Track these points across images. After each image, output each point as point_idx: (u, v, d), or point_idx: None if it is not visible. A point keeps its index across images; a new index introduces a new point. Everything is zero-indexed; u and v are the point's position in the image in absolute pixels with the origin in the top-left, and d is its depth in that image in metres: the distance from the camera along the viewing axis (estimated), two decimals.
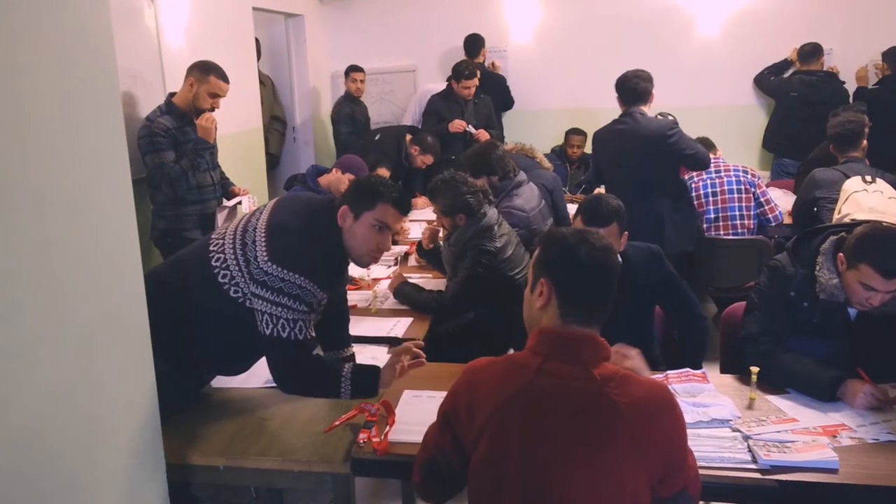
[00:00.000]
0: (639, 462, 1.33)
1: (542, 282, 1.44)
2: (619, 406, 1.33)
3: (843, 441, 1.79)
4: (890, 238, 1.99)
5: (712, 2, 5.64)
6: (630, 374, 1.41)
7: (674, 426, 1.39)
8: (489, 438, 1.37)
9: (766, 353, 2.12)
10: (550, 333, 1.41)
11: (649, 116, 3.61)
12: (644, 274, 2.35)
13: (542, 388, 1.37)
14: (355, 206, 1.94)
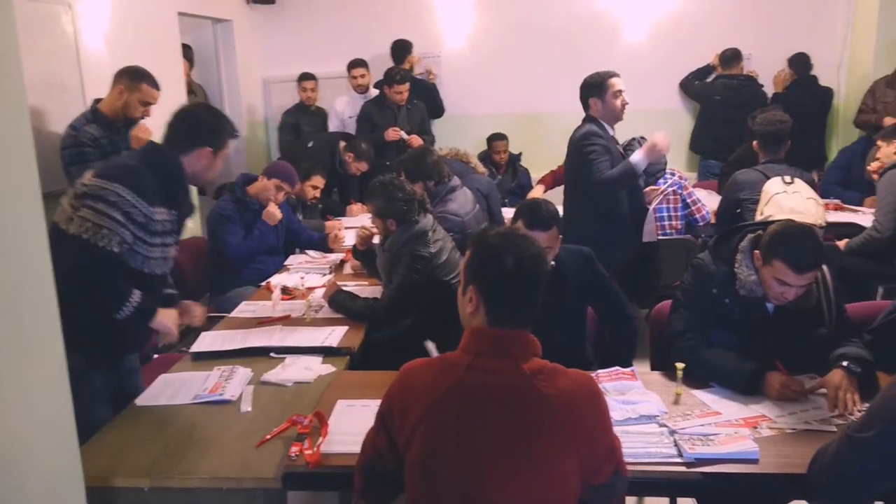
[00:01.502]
0: (569, 451, 1.37)
1: (471, 288, 1.46)
2: (548, 398, 1.37)
3: (764, 432, 1.87)
4: (800, 235, 2.08)
5: (638, 9, 5.80)
6: (558, 366, 1.45)
7: (600, 414, 1.44)
8: (422, 438, 1.39)
9: (690, 350, 2.18)
10: (481, 332, 1.44)
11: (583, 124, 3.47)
12: (575, 275, 2.40)
13: (473, 385, 1.39)
14: (216, 145, 2.22)
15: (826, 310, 2.23)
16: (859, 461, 1.47)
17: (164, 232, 2.17)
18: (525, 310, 1.44)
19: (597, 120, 3.34)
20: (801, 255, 2.03)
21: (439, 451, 1.37)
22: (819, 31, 5.71)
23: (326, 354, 2.44)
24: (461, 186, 3.56)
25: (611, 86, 3.27)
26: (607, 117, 3.33)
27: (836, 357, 2.06)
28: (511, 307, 1.43)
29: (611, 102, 3.29)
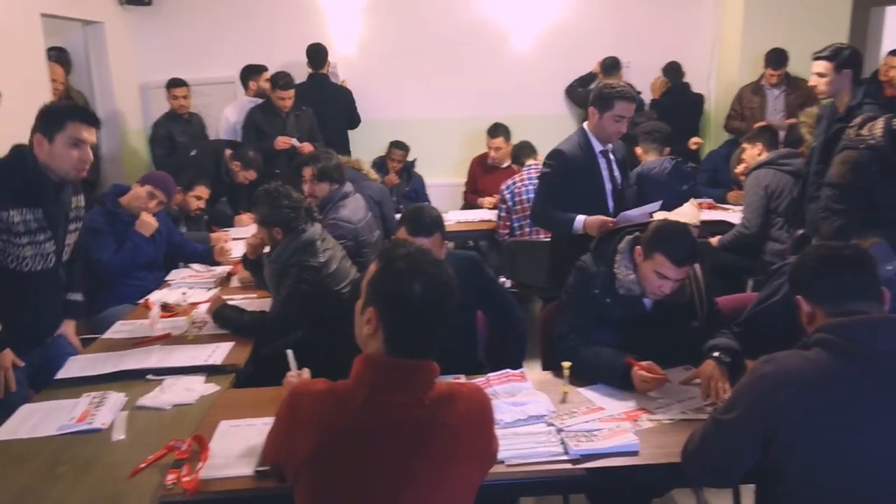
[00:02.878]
0: (475, 471, 1.38)
1: (370, 310, 1.35)
2: (451, 428, 1.32)
3: (644, 424, 1.94)
4: (678, 232, 2.22)
5: (524, 18, 5.95)
6: (453, 387, 1.39)
7: (492, 425, 1.46)
8: (314, 475, 1.30)
9: (572, 351, 2.25)
10: (378, 361, 1.34)
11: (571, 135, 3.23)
12: (464, 281, 2.39)
13: (371, 424, 1.29)
14: (46, 131, 2.19)
15: (698, 304, 2.35)
16: (724, 441, 1.55)
17: (31, 231, 2.24)
18: (429, 339, 1.35)
19: (586, 133, 3.14)
20: (680, 250, 2.15)
21: (333, 492, 1.29)
22: (690, 41, 6.07)
23: (210, 373, 2.33)
24: (353, 193, 3.51)
25: (615, 107, 2.99)
26: (598, 135, 3.10)
27: (708, 348, 2.18)
28: (414, 337, 1.33)
29: (607, 123, 3.03)
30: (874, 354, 1.40)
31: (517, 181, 4.16)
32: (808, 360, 1.45)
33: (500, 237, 4.20)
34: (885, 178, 2.60)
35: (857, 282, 1.54)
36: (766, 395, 1.46)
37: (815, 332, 1.50)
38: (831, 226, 2.65)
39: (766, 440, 1.46)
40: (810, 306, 1.59)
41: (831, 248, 1.63)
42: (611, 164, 3.14)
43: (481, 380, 2.18)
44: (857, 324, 1.45)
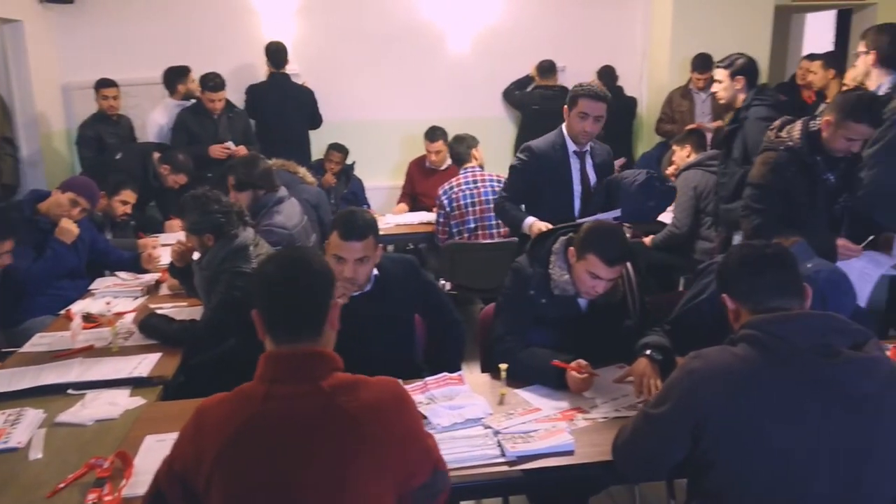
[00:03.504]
0: (383, 467, 1.32)
1: (254, 311, 1.41)
2: (353, 415, 1.31)
3: (579, 423, 1.96)
4: (609, 232, 2.26)
5: (462, 20, 5.98)
6: (359, 378, 1.39)
7: (409, 419, 1.40)
8: (223, 481, 1.27)
9: (508, 352, 2.26)
10: (272, 356, 1.36)
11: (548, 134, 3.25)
12: (400, 284, 2.39)
13: (273, 416, 1.30)
14: None
15: (631, 303, 2.40)
16: (654, 435, 1.58)
17: None
18: (299, 318, 1.37)
19: (562, 132, 3.14)
20: (611, 250, 2.19)
21: (243, 493, 1.27)
22: (623, 46, 6.22)
23: (136, 386, 2.24)
24: (288, 198, 3.44)
25: (578, 104, 3.01)
26: (570, 134, 3.11)
27: (640, 347, 2.22)
28: (283, 317, 1.37)
29: (573, 121, 3.05)
30: (795, 349, 1.44)
31: (454, 186, 4.15)
32: (735, 355, 1.49)
33: (439, 242, 4.19)
34: (802, 178, 2.71)
35: (779, 280, 1.59)
36: (694, 389, 1.50)
37: (741, 329, 1.54)
38: (751, 224, 2.74)
39: (695, 433, 1.49)
40: (735, 304, 1.64)
41: (754, 248, 1.67)
42: (584, 165, 3.16)
43: (419, 384, 2.16)
44: (779, 320, 1.50)
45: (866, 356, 1.45)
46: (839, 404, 1.41)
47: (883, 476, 1.43)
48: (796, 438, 1.41)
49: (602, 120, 3.06)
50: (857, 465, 1.41)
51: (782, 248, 1.67)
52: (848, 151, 2.64)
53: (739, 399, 1.44)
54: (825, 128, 2.63)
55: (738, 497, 1.47)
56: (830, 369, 1.42)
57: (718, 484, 1.49)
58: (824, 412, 1.41)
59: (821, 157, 2.68)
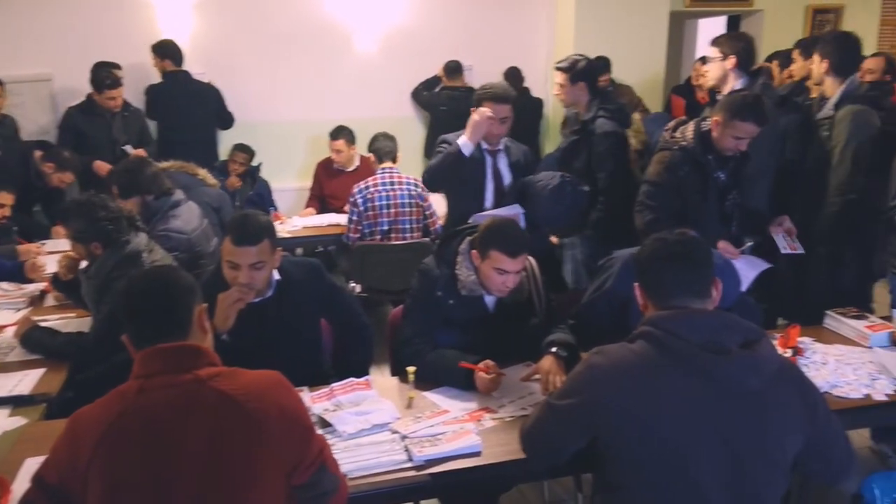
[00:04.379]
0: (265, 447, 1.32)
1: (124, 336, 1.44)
2: (229, 395, 1.33)
3: (487, 423, 1.96)
4: (507, 225, 2.30)
5: (369, 19, 5.90)
6: (237, 369, 1.41)
7: (289, 397, 1.42)
8: (99, 475, 1.26)
9: (417, 354, 2.25)
10: (146, 354, 1.38)
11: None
12: (304, 288, 2.32)
13: (146, 407, 1.31)
14: None
15: (537, 301, 2.43)
16: (555, 425, 1.65)
17: None
18: (162, 326, 1.39)
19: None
20: (512, 242, 2.22)
21: (121, 484, 1.26)
22: (529, 47, 6.31)
23: (16, 405, 2.09)
24: (186, 201, 3.28)
25: (476, 113, 3.00)
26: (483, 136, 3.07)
27: (546, 344, 2.25)
28: (145, 328, 1.39)
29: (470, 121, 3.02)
30: (689, 346, 1.49)
31: (370, 186, 4.09)
32: (633, 352, 1.54)
33: (350, 241, 4.13)
34: (695, 176, 2.83)
35: (686, 278, 1.61)
36: (595, 384, 1.55)
37: (641, 326, 1.58)
38: (644, 220, 2.85)
39: (594, 426, 1.54)
40: (644, 297, 1.67)
41: (666, 243, 1.67)
42: (497, 163, 3.16)
43: (324, 390, 2.11)
44: (675, 318, 1.55)
45: (755, 354, 1.51)
46: (728, 399, 1.47)
47: (768, 469, 1.50)
48: (688, 432, 1.46)
49: (508, 121, 3.08)
50: (744, 458, 1.47)
51: (698, 243, 1.68)
52: (737, 149, 2.77)
53: (636, 394, 1.48)
54: (714, 128, 2.76)
55: (637, 488, 1.51)
56: (721, 366, 1.48)
57: (618, 476, 1.53)
58: (714, 407, 1.47)
59: (712, 156, 2.81)
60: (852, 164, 2.97)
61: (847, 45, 3.18)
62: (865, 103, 3.01)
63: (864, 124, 2.97)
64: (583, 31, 5.94)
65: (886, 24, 7.07)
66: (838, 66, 3.12)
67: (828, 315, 2.59)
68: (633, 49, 5.89)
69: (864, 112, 2.98)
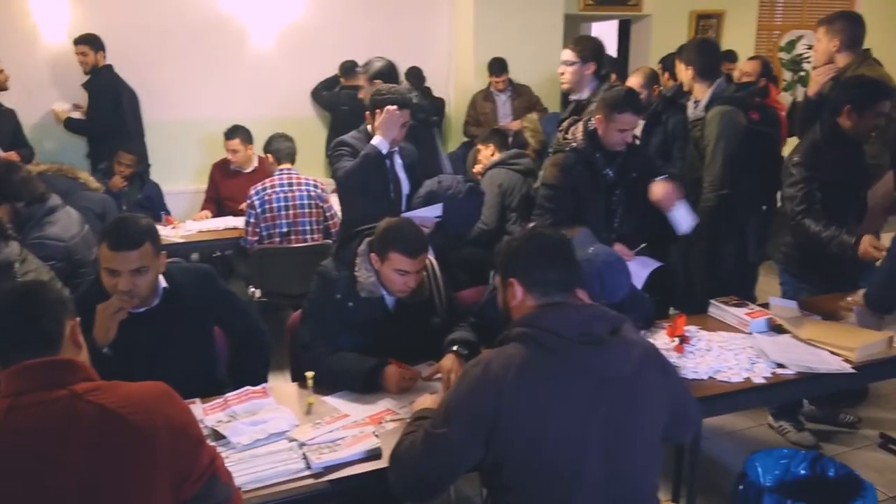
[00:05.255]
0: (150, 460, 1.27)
1: None
2: (109, 408, 1.26)
3: (388, 426, 1.94)
4: (404, 226, 2.28)
5: (267, 17, 5.74)
6: (118, 382, 1.34)
7: (176, 408, 1.36)
8: None
9: (318, 358, 2.20)
10: (14, 371, 1.30)
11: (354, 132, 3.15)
12: (194, 295, 2.21)
13: (17, 426, 1.25)
14: None
15: (438, 300, 2.43)
16: (443, 454, 1.54)
17: None
18: (24, 334, 1.33)
19: (368, 134, 3.03)
20: (411, 243, 2.21)
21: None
22: (429, 48, 6.34)
23: None
24: (63, 206, 3.07)
25: (386, 111, 2.91)
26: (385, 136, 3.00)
27: (448, 343, 2.25)
28: (12, 344, 1.33)
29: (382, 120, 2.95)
30: (562, 339, 1.51)
31: (268, 187, 3.98)
32: (509, 355, 1.52)
33: (248, 245, 3.99)
34: (587, 175, 2.91)
35: (568, 276, 1.64)
36: (477, 396, 1.50)
37: (513, 327, 1.58)
38: (545, 223, 2.90)
39: (486, 439, 1.49)
40: (524, 293, 1.64)
41: (551, 240, 1.68)
42: (394, 165, 3.11)
43: (218, 401, 2.03)
44: (546, 314, 1.56)
45: (624, 340, 1.56)
46: (606, 386, 1.50)
47: (644, 449, 1.56)
48: (570, 424, 1.48)
49: (408, 124, 3.05)
50: (621, 443, 1.51)
51: (569, 243, 1.72)
52: (624, 143, 2.86)
53: (520, 396, 1.47)
54: (599, 125, 2.86)
55: (528, 487, 1.51)
56: (595, 355, 1.51)
57: (510, 477, 1.52)
58: (594, 395, 1.50)
59: (600, 154, 2.90)
60: (723, 161, 3.15)
61: (707, 51, 3.38)
62: (732, 104, 3.19)
63: (732, 124, 3.15)
64: (482, 33, 6.02)
65: (763, 28, 7.59)
66: (703, 72, 3.30)
67: (711, 304, 2.73)
68: (531, 50, 6.03)
69: (731, 112, 3.16)
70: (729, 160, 3.14)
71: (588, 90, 3.26)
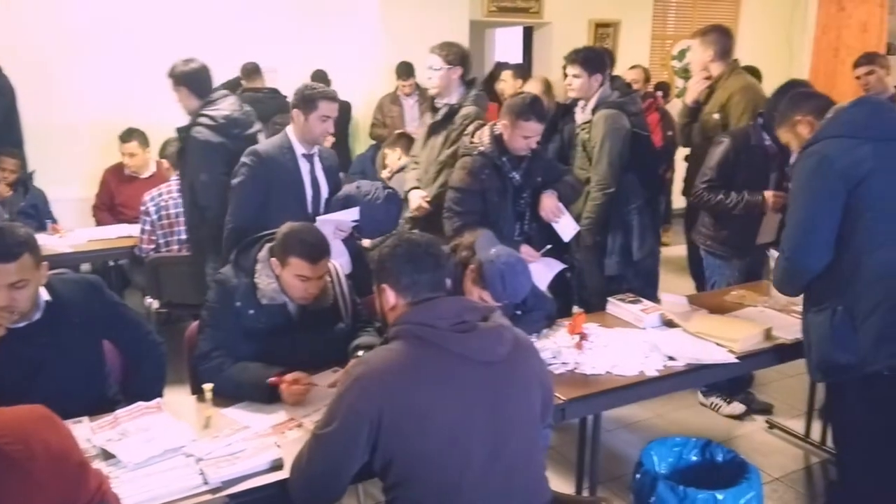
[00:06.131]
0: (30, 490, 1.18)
1: None
2: None
3: (291, 435, 1.90)
4: (306, 231, 2.24)
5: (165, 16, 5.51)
6: None
7: (57, 436, 1.27)
8: None
9: (216, 369, 2.13)
10: None
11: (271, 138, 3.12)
12: (79, 308, 2.09)
13: None
14: None
15: (343, 306, 2.41)
16: (332, 453, 1.56)
17: None
18: None
19: (288, 136, 2.96)
20: (312, 248, 2.18)
21: None
22: (336, 50, 6.27)
23: None
24: None
25: (320, 108, 2.87)
26: (303, 137, 2.95)
27: (353, 348, 2.24)
28: None
29: (314, 124, 2.90)
30: (439, 331, 1.57)
31: (164, 192, 3.83)
32: (392, 351, 1.58)
33: (144, 253, 3.82)
34: (494, 178, 2.97)
35: (437, 277, 1.69)
36: (364, 394, 1.53)
37: (392, 328, 1.63)
38: (453, 226, 2.93)
39: (371, 437, 1.51)
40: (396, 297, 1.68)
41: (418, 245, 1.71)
42: (314, 169, 3.04)
43: (107, 419, 1.93)
44: (422, 309, 1.62)
45: (495, 325, 1.63)
46: (484, 370, 1.57)
47: (526, 429, 1.63)
48: (455, 411, 1.53)
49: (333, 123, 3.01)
50: (506, 424, 1.58)
51: (438, 245, 1.78)
52: (527, 148, 2.94)
53: (406, 390, 1.52)
54: (504, 131, 2.92)
55: (420, 478, 1.54)
56: (471, 341, 1.57)
57: (401, 473, 1.55)
58: (472, 381, 1.56)
59: (506, 158, 2.96)
60: (609, 161, 3.29)
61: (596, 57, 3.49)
62: (615, 108, 3.34)
63: (617, 126, 3.30)
64: (388, 38, 6.03)
65: (656, 38, 7.96)
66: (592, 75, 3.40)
67: (609, 301, 2.84)
68: None
69: (615, 115, 3.31)
70: (615, 160, 3.29)
71: (457, 95, 3.32)
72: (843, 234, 2.14)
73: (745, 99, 3.48)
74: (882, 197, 2.11)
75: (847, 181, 2.10)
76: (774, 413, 3.41)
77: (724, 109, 3.53)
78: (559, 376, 2.25)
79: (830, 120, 2.22)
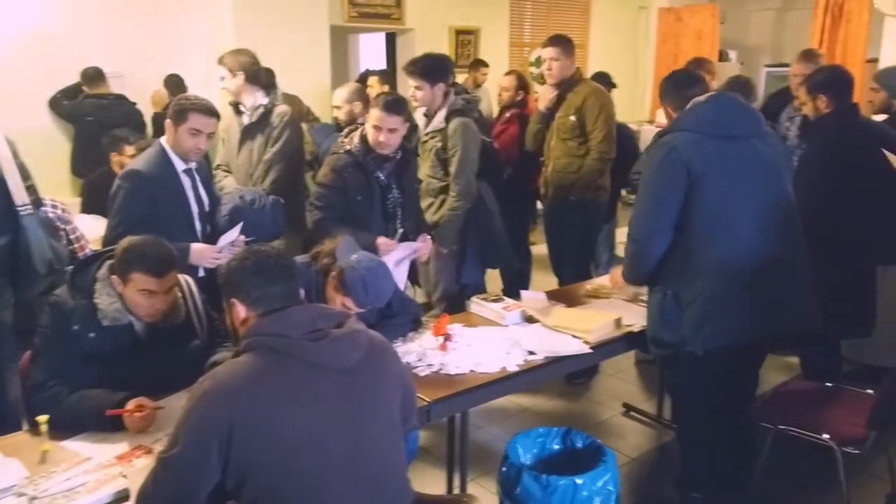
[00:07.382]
0: None
1: None
2: None
3: (139, 463, 1.79)
4: (148, 244, 2.10)
5: None
6: None
7: None
8: None
9: (52, 400, 1.97)
10: None
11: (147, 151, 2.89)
12: None
13: None
14: None
15: (197, 322, 2.30)
16: (180, 475, 1.48)
17: None
18: None
19: (164, 149, 2.76)
20: (156, 261, 2.06)
21: None
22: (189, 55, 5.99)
23: None
24: None
25: (190, 120, 2.68)
26: (177, 151, 2.75)
27: (209, 365, 2.12)
28: None
29: (183, 137, 2.70)
30: (292, 340, 1.54)
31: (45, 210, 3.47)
32: (242, 364, 1.52)
33: None
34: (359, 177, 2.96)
35: (289, 288, 1.66)
36: (209, 409, 1.47)
37: (242, 341, 1.58)
38: (313, 219, 2.97)
39: (221, 453, 1.45)
40: (247, 311, 1.64)
41: (268, 257, 1.69)
42: (196, 183, 2.85)
43: None
44: (274, 320, 1.58)
45: (349, 331, 1.62)
46: (339, 377, 1.55)
47: (385, 434, 1.62)
48: (310, 420, 1.50)
49: (213, 135, 2.84)
50: (364, 429, 1.57)
51: (285, 256, 1.77)
52: (387, 143, 2.92)
53: (257, 401, 1.47)
54: (369, 129, 2.93)
55: (278, 492, 1.48)
56: (324, 349, 1.55)
57: (257, 490, 1.49)
58: (327, 389, 1.54)
59: (371, 157, 2.96)
60: (470, 171, 3.35)
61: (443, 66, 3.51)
62: (463, 115, 3.38)
63: (473, 135, 3.38)
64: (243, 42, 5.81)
65: (514, 45, 8.27)
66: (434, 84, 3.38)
67: (472, 301, 2.90)
68: (298, 60, 5.94)
69: (468, 123, 3.37)
70: (474, 170, 3.37)
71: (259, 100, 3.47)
72: (681, 224, 2.33)
73: (599, 102, 3.75)
74: (717, 194, 2.30)
75: (690, 173, 2.29)
76: (630, 398, 3.62)
77: (580, 112, 3.75)
78: (424, 378, 2.27)
79: (686, 112, 2.42)
